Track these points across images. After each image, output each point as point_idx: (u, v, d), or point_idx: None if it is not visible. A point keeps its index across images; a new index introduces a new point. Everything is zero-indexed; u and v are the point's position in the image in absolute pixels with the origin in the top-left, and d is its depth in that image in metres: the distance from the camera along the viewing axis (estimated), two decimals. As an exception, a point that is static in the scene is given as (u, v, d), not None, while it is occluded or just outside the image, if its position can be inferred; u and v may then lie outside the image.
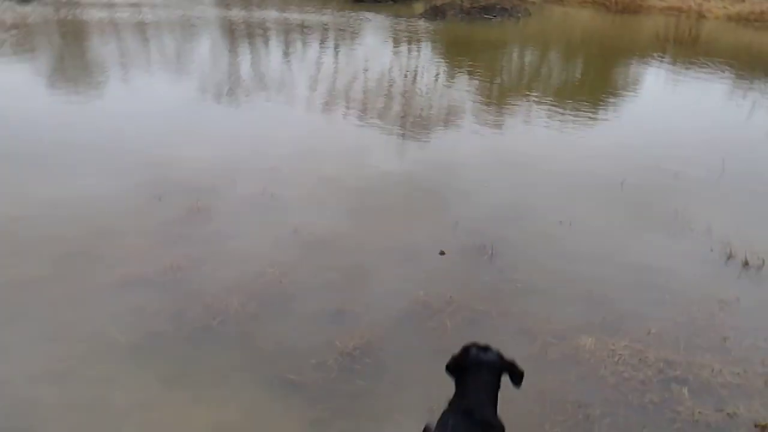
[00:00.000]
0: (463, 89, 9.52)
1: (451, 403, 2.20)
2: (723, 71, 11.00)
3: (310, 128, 7.51)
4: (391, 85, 9.65)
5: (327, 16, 18.45)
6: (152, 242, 4.57)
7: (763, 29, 16.02)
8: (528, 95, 9.37)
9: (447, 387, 2.27)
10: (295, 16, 18.30)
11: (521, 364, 2.28)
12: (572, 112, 8.27)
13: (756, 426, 2.94)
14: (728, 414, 2.99)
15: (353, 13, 18.88)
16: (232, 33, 15.42)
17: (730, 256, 4.42)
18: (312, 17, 18.10)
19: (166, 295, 3.89)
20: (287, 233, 4.72)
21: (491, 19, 17.60)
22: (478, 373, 2.23)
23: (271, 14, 18.66)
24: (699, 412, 3.00)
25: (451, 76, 10.28)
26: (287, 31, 15.72)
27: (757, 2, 17.58)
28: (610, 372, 3.27)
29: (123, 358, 3.30)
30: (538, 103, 8.78)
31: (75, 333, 3.49)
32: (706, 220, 4.91)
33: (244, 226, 4.85)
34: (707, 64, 11.45)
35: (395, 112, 8.25)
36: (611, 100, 9.17)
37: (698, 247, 4.58)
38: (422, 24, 16.93)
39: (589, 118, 8.07)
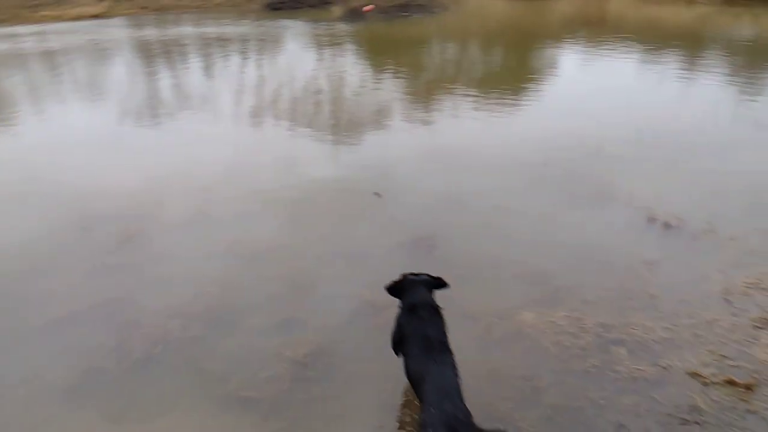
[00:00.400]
0: (390, 88, 9.62)
1: (402, 316, 2.91)
2: (631, 47, 11.58)
3: (239, 142, 7.41)
4: (317, 91, 9.65)
5: (245, 27, 18.22)
6: (82, 276, 4.41)
7: (664, 4, 16.95)
8: (453, 88, 9.56)
9: (399, 381, 2.31)
10: (211, 29, 17.97)
11: (468, 346, 2.39)
12: (496, 101, 8.51)
13: (688, 374, 3.13)
14: (663, 367, 3.18)
15: (271, 22, 18.73)
16: (147, 53, 14.98)
17: (652, 220, 4.68)
18: (229, 29, 17.81)
19: (102, 329, 3.77)
20: (224, 250, 4.65)
21: (410, 16, 17.85)
22: (416, 289, 2.96)
23: (187, 30, 18.27)
24: (637, 369, 3.17)
25: (376, 76, 10.37)
26: (206, 45, 15.41)
27: (656, -22, 18.57)
28: (552, 343, 3.41)
29: (62, 399, 3.18)
30: (464, 95, 8.98)
31: (8, 379, 3.33)
32: (628, 189, 5.17)
33: (179, 249, 4.75)
34: (616, 42, 12.02)
35: (324, 118, 8.25)
36: (531, 85, 9.49)
37: (622, 215, 4.82)
38: (342, 27, 16.98)
39: (513, 104, 8.33)
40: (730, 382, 3.06)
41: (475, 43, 14.40)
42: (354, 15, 18.10)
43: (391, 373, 3.06)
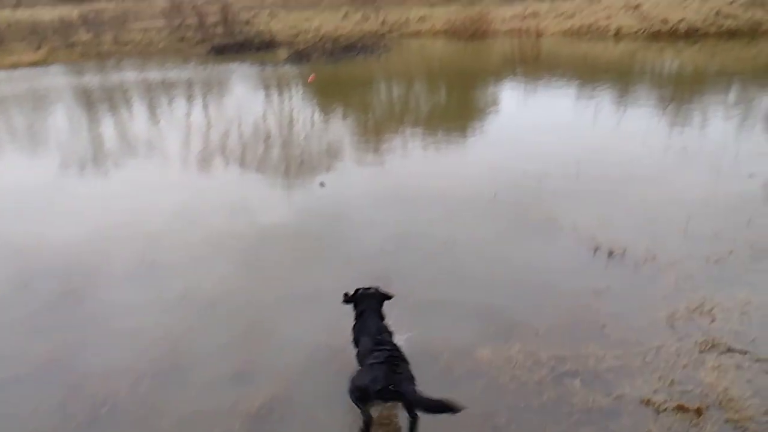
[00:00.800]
0: (339, 128, 9.72)
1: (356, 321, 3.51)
2: (567, 82, 12.13)
3: (187, 187, 7.29)
4: (267, 134, 9.63)
5: (189, 72, 18.13)
6: (22, 335, 4.21)
7: (594, 40, 17.91)
8: (401, 127, 9.75)
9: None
10: (155, 75, 17.80)
11: (430, 385, 2.62)
12: (443, 138, 8.72)
13: (641, 402, 3.21)
14: (617, 397, 3.25)
15: (217, 66, 18.72)
16: (89, 100, 14.67)
17: (596, 249, 4.84)
18: (173, 74, 17.70)
19: (44, 390, 3.59)
20: (175, 300, 4.53)
21: (354, 57, 18.19)
22: (368, 301, 3.55)
23: (129, 75, 18.03)
24: (591, 400, 3.23)
25: (325, 117, 10.46)
26: (149, 90, 15.23)
27: (584, 16, 19.66)
28: (509, 378, 3.44)
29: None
30: (411, 133, 9.16)
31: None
32: (572, 220, 5.35)
33: (126, 302, 4.59)
34: (552, 78, 12.58)
35: (275, 160, 8.23)
36: (476, 121, 9.78)
37: (568, 245, 4.97)
38: (288, 69, 17.12)
39: (459, 141, 8.55)
40: (681, 408, 3.15)
41: (419, 82, 14.78)
42: (300, 57, 18.30)
43: (351, 420, 3.01)
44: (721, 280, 4.32)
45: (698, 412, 3.12)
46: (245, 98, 13.37)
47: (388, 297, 3.61)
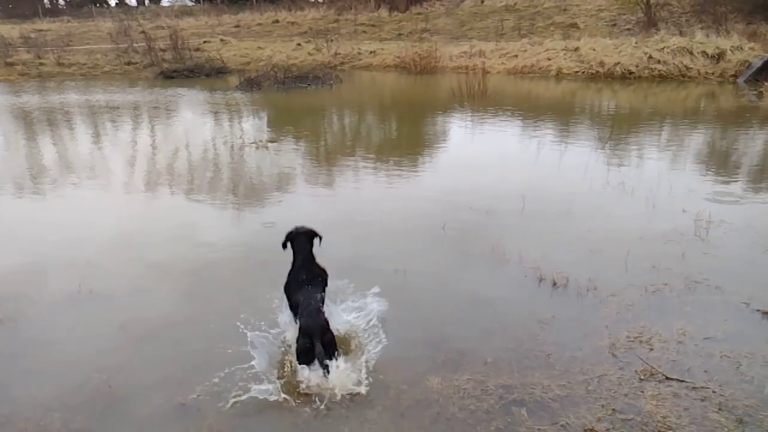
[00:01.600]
0: (290, 155, 9.69)
1: (294, 261, 4.16)
2: (511, 117, 12.56)
3: (130, 212, 7.06)
4: (216, 158, 9.50)
5: (135, 95, 17.78)
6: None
7: (536, 79, 18.71)
8: (351, 156, 9.81)
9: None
10: (99, 97, 17.36)
11: (380, 418, 2.37)
12: (394, 168, 8.82)
13: (585, 431, 3.27)
14: (562, 425, 3.30)
15: (165, 90, 18.44)
16: (27, 120, 14.11)
17: (541, 279, 4.97)
18: (118, 97, 17.31)
19: (-33, 429, 3.33)
20: (113, 331, 4.33)
21: (306, 87, 18.31)
22: (301, 238, 4.16)
23: (71, 97, 17.51)
24: (538, 429, 3.26)
25: (276, 143, 10.40)
26: (93, 113, 14.81)
27: (527, 57, 20.58)
28: (459, 408, 3.44)
29: None
30: (362, 162, 9.23)
31: None
32: (518, 250, 5.48)
33: (59, 332, 4.36)
34: (498, 112, 13.01)
35: (224, 185, 8.11)
36: (425, 152, 9.97)
37: (514, 275, 5.08)
38: (239, 96, 17.05)
39: (409, 171, 8.66)
40: (623, 437, 3.23)
41: (370, 113, 14.99)
42: (251, 84, 18.25)
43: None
44: (659, 310, 4.50)
45: (638, 440, 3.20)
46: (193, 123, 13.20)
47: (316, 234, 4.24)
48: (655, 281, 4.90)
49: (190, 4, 44.41)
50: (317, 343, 3.49)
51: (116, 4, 44.95)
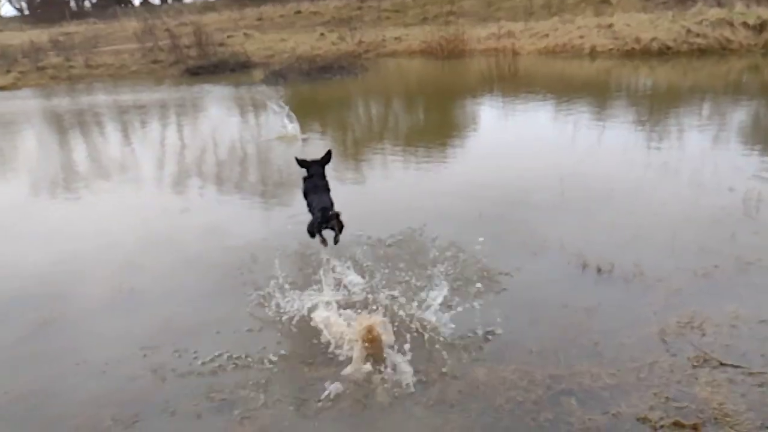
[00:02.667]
0: (317, 146, 9.64)
1: (307, 192, 5.19)
2: (544, 99, 12.28)
3: (163, 210, 7.12)
4: (243, 153, 9.53)
5: (162, 93, 18.01)
6: (-2, 369, 4.01)
7: (569, 58, 18.25)
8: (380, 145, 9.72)
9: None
10: (126, 97, 17.62)
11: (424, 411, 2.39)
12: (424, 156, 8.70)
13: (638, 419, 3.15)
14: (613, 414, 3.18)
15: (191, 87, 18.61)
16: (59, 122, 14.42)
17: (585, 266, 4.81)
18: (145, 96, 17.55)
19: (23, 425, 3.41)
20: (156, 327, 4.36)
21: (331, 78, 18.23)
22: (316, 167, 5.21)
23: (100, 98, 17.83)
24: (588, 419, 3.16)
25: (302, 136, 10.35)
26: (122, 112, 15.03)
27: (558, 36, 20.06)
28: (505, 399, 3.35)
29: None
30: (391, 151, 9.13)
31: None
32: (558, 236, 5.32)
33: (105, 330, 4.42)
34: (530, 94, 12.73)
35: (253, 180, 8.11)
36: (456, 139, 9.80)
37: (556, 262, 4.94)
38: (264, 89, 17.08)
39: (440, 159, 8.53)
40: (678, 425, 3.09)
41: (397, 101, 14.85)
42: (276, 77, 18.27)
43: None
44: (709, 294, 4.32)
45: (695, 428, 3.07)
46: (220, 119, 13.29)
47: (327, 160, 5.30)
48: (704, 264, 4.70)
49: (214, -1, 44.68)
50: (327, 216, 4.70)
51: (140, 3, 45.49)
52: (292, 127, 9.87)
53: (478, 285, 4.59)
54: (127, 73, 24.18)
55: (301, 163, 5.24)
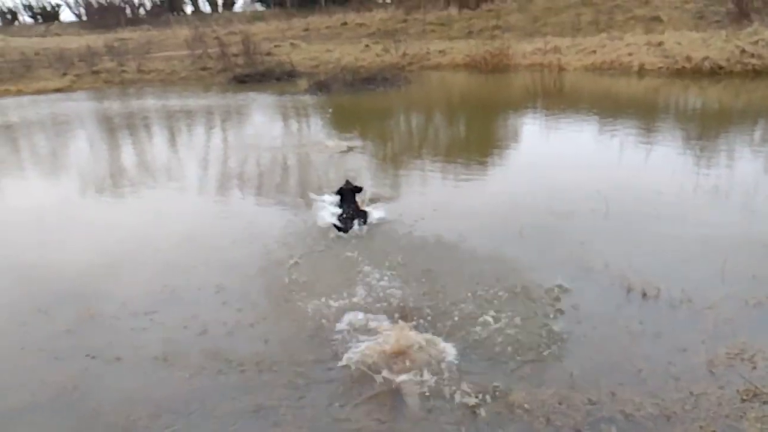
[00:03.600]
0: (358, 156, 9.69)
1: (341, 206, 6.51)
2: (591, 115, 12.07)
3: (205, 213, 7.25)
4: (285, 160, 9.64)
5: (209, 100, 18.44)
6: (40, 361, 4.15)
7: (616, 75, 17.91)
8: (420, 158, 9.70)
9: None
10: (174, 102, 18.11)
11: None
12: (465, 171, 8.62)
13: (684, 453, 3.03)
14: (657, 446, 3.07)
15: (237, 94, 18.99)
16: (109, 125, 14.92)
17: (629, 289, 4.67)
18: (194, 102, 18.00)
19: (61, 420, 3.51)
20: (194, 330, 4.43)
21: (375, 89, 18.34)
22: (348, 193, 6.64)
23: (149, 102, 18.39)
24: (631, 450, 3.05)
25: (343, 146, 10.42)
26: (169, 117, 15.45)
27: (606, 53, 19.72)
28: (544, 424, 3.27)
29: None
30: (431, 165, 9.09)
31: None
32: (602, 257, 5.19)
33: (145, 329, 4.51)
34: (576, 111, 12.53)
35: (294, 187, 8.19)
36: (497, 154, 9.71)
37: (600, 284, 4.81)
38: (308, 99, 17.31)
39: (480, 175, 8.45)
40: (726, 461, 2.96)
41: (440, 114, 14.83)
42: (320, 87, 18.50)
43: None
44: (762, 324, 4.14)
45: (743, 466, 2.93)
46: (263, 126, 13.51)
47: (358, 189, 6.85)
48: (757, 293, 4.51)
49: (262, 9, 45.65)
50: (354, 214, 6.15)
51: (192, 11, 46.82)
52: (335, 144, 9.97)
53: (517, 302, 4.52)
54: (176, 78, 24.87)
55: (338, 191, 6.84)
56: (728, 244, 5.38)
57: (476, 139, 11.61)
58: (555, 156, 9.20)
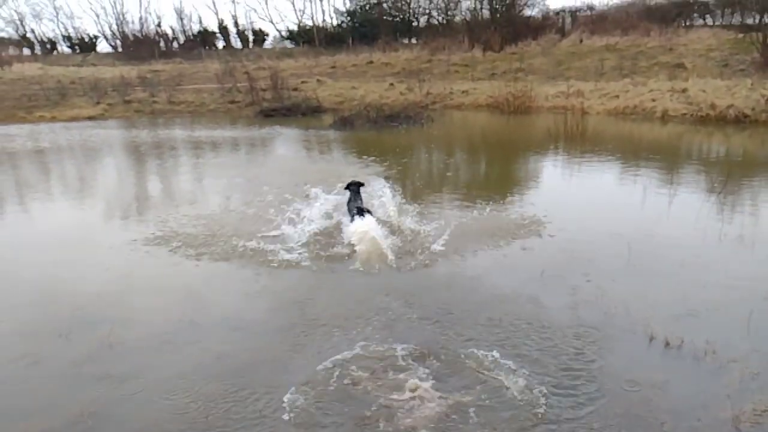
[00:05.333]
0: (379, 190, 9.70)
1: (349, 202, 7.84)
2: (613, 159, 12.02)
3: (226, 244, 7.27)
4: (307, 192, 9.71)
5: (236, 132, 18.85)
6: (59, 388, 4.18)
7: (639, 120, 17.89)
8: (440, 193, 9.72)
9: None
10: (201, 133, 18.53)
11: None
12: (482, 207, 8.58)
13: None
14: (681, 506, 2.95)
15: (264, 129, 19.35)
16: (135, 151, 15.30)
17: (652, 338, 4.57)
18: (220, 133, 18.38)
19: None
20: (211, 362, 4.43)
21: (398, 126, 18.56)
22: (354, 186, 8.08)
23: (176, 133, 18.83)
24: None
25: (365, 179, 10.48)
26: (196, 147, 15.76)
27: (629, 98, 19.74)
28: (561, 476, 3.17)
29: None
30: (450, 201, 9.10)
31: None
32: (624, 304, 5.11)
33: (163, 359, 4.53)
34: (598, 154, 12.49)
35: (313, 218, 8.20)
36: (518, 193, 9.69)
37: (621, 331, 4.72)
38: (332, 134, 17.57)
39: (502, 214, 8.41)
40: None
41: (461, 152, 14.91)
42: (344, 123, 18.79)
43: None
44: (791, 381, 4.00)
45: None
46: (286, 160, 13.69)
47: (362, 184, 8.19)
48: (785, 348, 4.38)
49: (291, 46, 46.82)
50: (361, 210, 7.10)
51: (223, 47, 48.17)
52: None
53: (533, 349, 4.44)
54: (205, 110, 25.45)
55: (347, 186, 8.19)
56: (754, 295, 5.27)
57: (497, 178, 11.62)
58: (576, 199, 9.16)
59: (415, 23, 43.92)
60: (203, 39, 47.66)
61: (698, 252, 6.45)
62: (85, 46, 48.45)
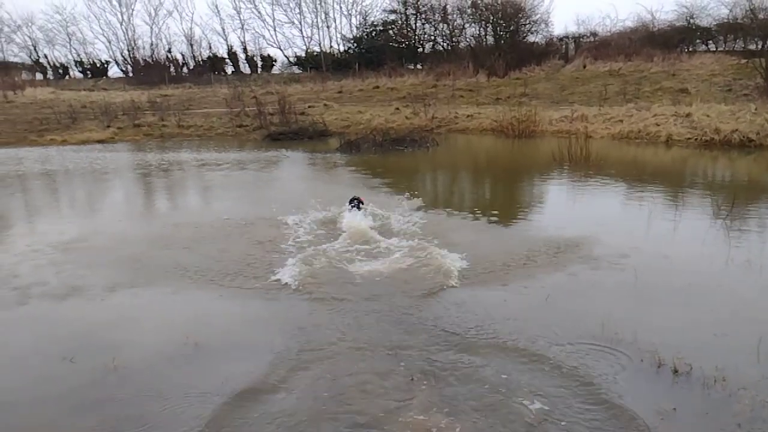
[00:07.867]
0: (385, 211, 9.75)
1: (350, 204, 9.38)
2: (618, 183, 12.04)
3: (231, 266, 7.30)
4: (312, 214, 9.75)
5: (243, 154, 19.02)
6: (62, 412, 4.16)
7: (643, 145, 17.95)
8: (447, 214, 9.74)
9: None
10: (208, 155, 18.73)
11: None
12: (485, 232, 8.61)
13: None
14: None
15: (270, 152, 19.53)
16: (143, 173, 15.45)
17: (660, 364, 4.53)
18: (224, 156, 18.57)
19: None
20: (216, 386, 4.41)
21: (403, 149, 18.70)
22: (355, 200, 9.49)
23: (184, 156, 19.04)
24: None
25: (371, 199, 10.53)
26: (204, 169, 15.90)
27: (633, 122, 19.86)
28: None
29: None
30: (454, 223, 9.10)
31: None
32: (631, 329, 5.06)
33: (167, 383, 4.50)
34: (603, 178, 12.52)
35: (319, 241, 8.22)
36: (522, 216, 9.70)
37: (629, 358, 4.67)
38: (339, 157, 17.72)
39: (506, 237, 8.42)
40: None
41: (466, 175, 14.98)
42: (350, 146, 18.97)
43: None
44: (802, 409, 3.94)
45: None
46: (292, 182, 13.79)
47: (362, 201, 9.46)
48: (796, 375, 4.33)
49: (298, 71, 47.45)
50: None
51: (232, 72, 48.86)
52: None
53: (541, 374, 4.40)
54: (213, 134, 25.76)
55: (350, 201, 9.53)
56: (763, 320, 5.22)
57: (501, 201, 11.63)
58: (581, 223, 9.14)
59: (420, 49, 44.56)
60: (212, 64, 48.41)
61: (705, 277, 6.42)
62: (96, 71, 49.29)
